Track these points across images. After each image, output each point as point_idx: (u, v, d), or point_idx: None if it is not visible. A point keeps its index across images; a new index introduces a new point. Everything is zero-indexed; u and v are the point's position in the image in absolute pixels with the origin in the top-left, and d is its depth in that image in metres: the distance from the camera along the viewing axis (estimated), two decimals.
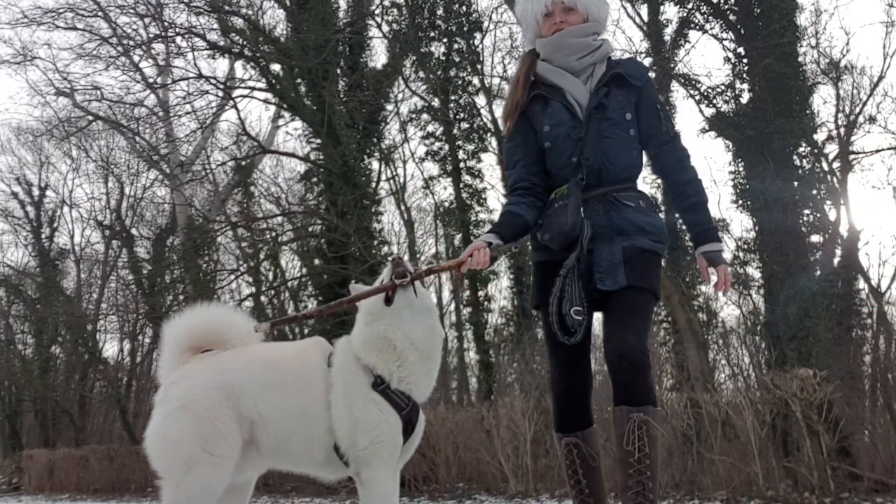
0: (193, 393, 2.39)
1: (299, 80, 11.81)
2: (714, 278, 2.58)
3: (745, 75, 10.20)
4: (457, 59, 13.20)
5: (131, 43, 12.30)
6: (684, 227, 10.98)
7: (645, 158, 2.77)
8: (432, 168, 13.72)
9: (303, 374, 2.48)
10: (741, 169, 9.86)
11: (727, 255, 11.12)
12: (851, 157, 10.80)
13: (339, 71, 12.67)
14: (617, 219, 2.58)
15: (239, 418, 2.39)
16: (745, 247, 10.52)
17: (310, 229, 12.73)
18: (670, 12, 11.22)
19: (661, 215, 11.09)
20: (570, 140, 2.62)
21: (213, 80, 11.68)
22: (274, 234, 13.55)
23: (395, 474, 2.44)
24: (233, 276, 14.11)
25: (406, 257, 14.65)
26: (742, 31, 10.21)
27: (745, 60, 10.17)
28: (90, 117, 13.63)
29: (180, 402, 2.39)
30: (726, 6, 10.58)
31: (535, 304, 2.76)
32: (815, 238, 9.79)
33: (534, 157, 2.72)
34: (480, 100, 13.43)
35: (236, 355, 2.49)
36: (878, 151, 10.86)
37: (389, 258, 2.39)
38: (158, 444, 2.38)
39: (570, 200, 2.56)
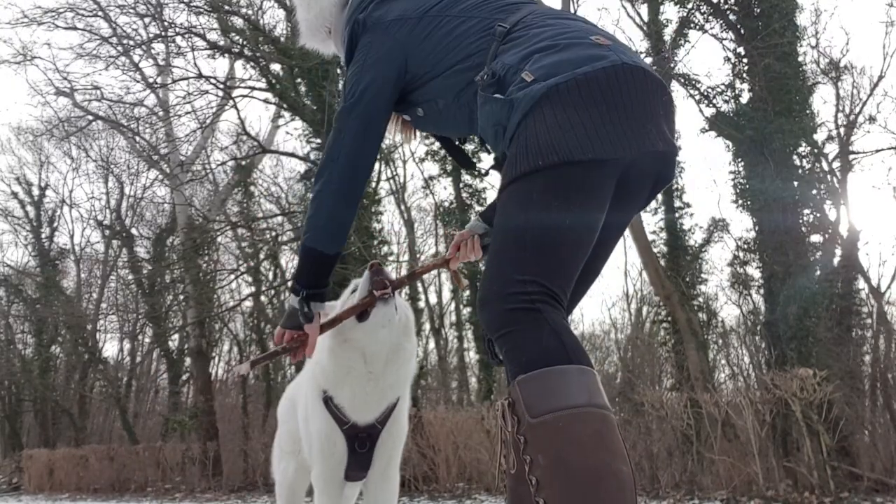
0: (280, 405, 2.89)
1: (299, 80, 11.80)
2: None
3: (745, 75, 10.19)
4: None
5: (131, 43, 12.32)
6: (685, 228, 11.07)
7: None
8: (432, 168, 13.72)
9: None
10: (741, 169, 9.86)
11: (727, 255, 11.12)
12: (851, 157, 10.80)
13: (339, 71, 12.65)
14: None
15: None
16: (745, 247, 10.51)
17: None
18: (670, 12, 11.23)
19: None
20: None
21: (213, 80, 11.70)
22: (274, 233, 13.55)
23: (332, 480, 2.35)
24: (233, 276, 14.13)
25: (406, 256, 14.64)
26: (742, 31, 10.20)
27: (745, 60, 10.16)
28: (90, 117, 13.64)
29: (278, 414, 2.91)
30: (726, 6, 10.57)
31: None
32: (815, 238, 9.78)
33: None
34: None
35: None
36: (878, 151, 10.88)
37: (368, 265, 2.15)
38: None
39: None
